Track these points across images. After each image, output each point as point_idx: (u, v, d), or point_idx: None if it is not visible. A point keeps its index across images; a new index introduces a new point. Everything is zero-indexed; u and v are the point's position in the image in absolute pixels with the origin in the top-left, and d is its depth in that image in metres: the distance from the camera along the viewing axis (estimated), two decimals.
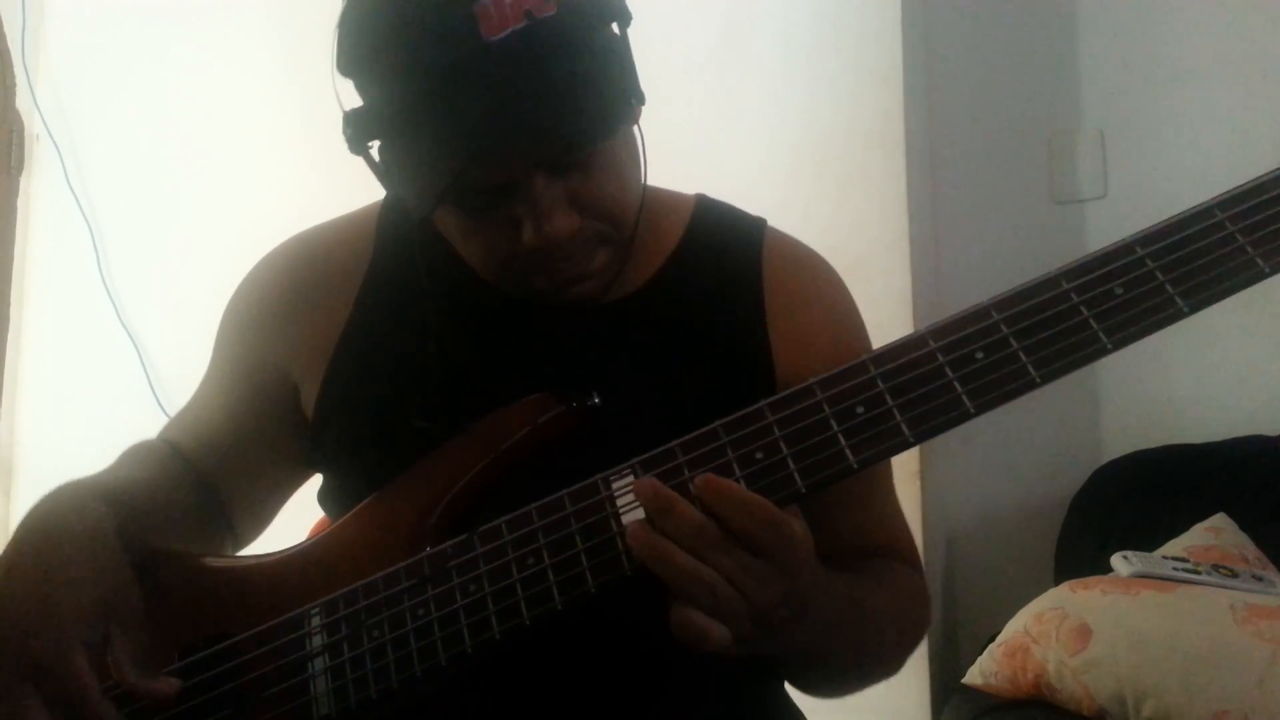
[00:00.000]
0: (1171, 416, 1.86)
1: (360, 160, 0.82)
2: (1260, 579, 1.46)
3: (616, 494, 0.68)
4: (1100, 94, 2.03)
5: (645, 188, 0.87)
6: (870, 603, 0.79)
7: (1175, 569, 1.44)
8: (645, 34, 0.84)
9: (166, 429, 0.97)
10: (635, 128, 0.84)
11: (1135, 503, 1.74)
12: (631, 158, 0.83)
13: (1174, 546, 1.57)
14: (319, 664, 0.72)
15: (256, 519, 0.97)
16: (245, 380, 0.92)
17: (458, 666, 0.70)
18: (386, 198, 0.94)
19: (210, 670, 0.74)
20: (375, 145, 0.80)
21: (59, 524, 0.75)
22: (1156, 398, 1.87)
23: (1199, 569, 1.44)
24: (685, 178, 0.93)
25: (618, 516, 0.68)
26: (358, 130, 0.78)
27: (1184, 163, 1.91)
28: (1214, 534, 1.59)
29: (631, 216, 0.82)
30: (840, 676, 0.85)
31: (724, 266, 0.89)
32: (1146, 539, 1.62)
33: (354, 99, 0.78)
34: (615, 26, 0.79)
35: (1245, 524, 1.60)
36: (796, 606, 0.66)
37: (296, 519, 0.98)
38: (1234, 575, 1.44)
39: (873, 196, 1.84)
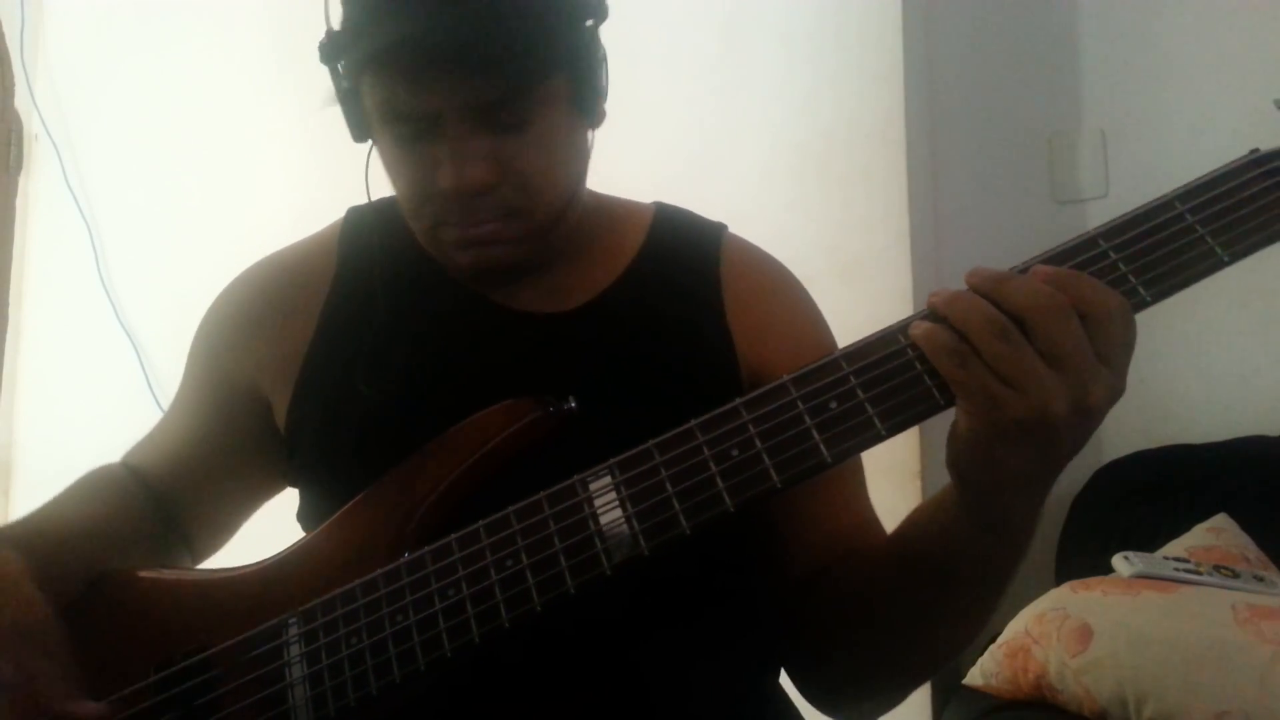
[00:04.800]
0: (1173, 416, 1.86)
1: (358, 158, 0.84)
2: (1261, 579, 1.45)
3: (594, 495, 0.69)
4: (1101, 94, 2.03)
5: (605, 198, 0.89)
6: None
7: (1176, 569, 1.44)
8: (647, 34, 0.84)
9: (130, 453, 0.98)
10: (590, 133, 0.85)
11: (1136, 503, 1.74)
12: (574, 152, 0.84)
13: (1175, 547, 1.57)
14: (296, 672, 0.72)
15: (216, 536, 0.98)
16: (215, 399, 0.93)
17: (438, 671, 0.70)
18: (349, 213, 0.96)
19: (186, 683, 0.74)
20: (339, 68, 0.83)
21: None
22: (1157, 398, 1.87)
23: (1200, 569, 1.44)
24: (687, 177, 0.94)
25: (596, 517, 0.68)
26: (331, 46, 0.81)
27: (1185, 162, 1.89)
28: (1215, 534, 1.58)
29: (551, 203, 0.83)
30: (935, 637, 0.77)
31: (683, 270, 0.90)
32: (1147, 539, 1.62)
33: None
34: (592, 23, 0.82)
35: (1246, 524, 1.60)
36: (1075, 445, 0.62)
37: (290, 531, 0.98)
38: (1235, 576, 1.44)
39: (874, 196, 1.84)
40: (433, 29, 0.73)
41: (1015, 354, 0.59)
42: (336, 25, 0.81)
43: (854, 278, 1.75)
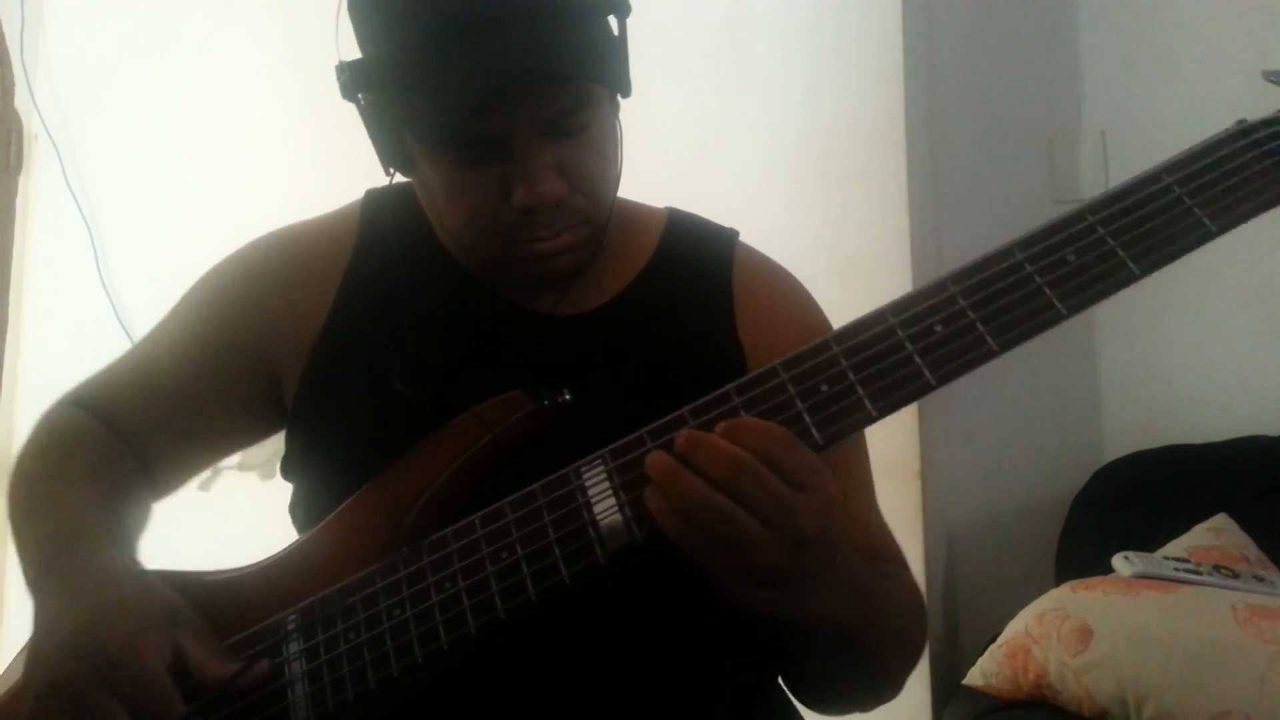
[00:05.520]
0: (1173, 417, 1.86)
1: (359, 157, 0.83)
2: (1261, 579, 1.45)
3: (588, 484, 0.69)
4: (1101, 94, 2.03)
5: (618, 200, 0.89)
6: (883, 586, 0.78)
7: (1176, 569, 1.44)
8: (647, 34, 0.84)
9: (92, 393, 0.95)
10: (617, 122, 0.85)
11: (1136, 503, 1.74)
12: (614, 146, 0.85)
13: (1175, 547, 1.57)
14: (296, 669, 0.72)
15: (178, 478, 0.96)
16: (214, 355, 0.91)
17: (435, 664, 0.70)
18: (368, 195, 0.95)
19: (186, 683, 0.73)
20: (365, 100, 0.81)
21: (113, 595, 0.75)
22: (1157, 398, 1.87)
23: (1200, 569, 1.44)
24: (687, 177, 0.94)
25: (589, 506, 0.68)
26: (354, 78, 0.80)
27: None
28: (1215, 534, 1.59)
29: (609, 200, 0.85)
30: (853, 672, 0.81)
31: (696, 278, 0.90)
32: (1148, 539, 1.62)
33: (350, 51, 0.81)
34: (613, 20, 0.82)
35: (1246, 524, 1.60)
36: (828, 549, 0.66)
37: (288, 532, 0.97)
38: (1235, 576, 1.44)
39: (874, 196, 1.84)
40: (503, 56, 0.73)
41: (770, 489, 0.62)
42: (344, 48, 0.79)
43: (853, 277, 1.75)
